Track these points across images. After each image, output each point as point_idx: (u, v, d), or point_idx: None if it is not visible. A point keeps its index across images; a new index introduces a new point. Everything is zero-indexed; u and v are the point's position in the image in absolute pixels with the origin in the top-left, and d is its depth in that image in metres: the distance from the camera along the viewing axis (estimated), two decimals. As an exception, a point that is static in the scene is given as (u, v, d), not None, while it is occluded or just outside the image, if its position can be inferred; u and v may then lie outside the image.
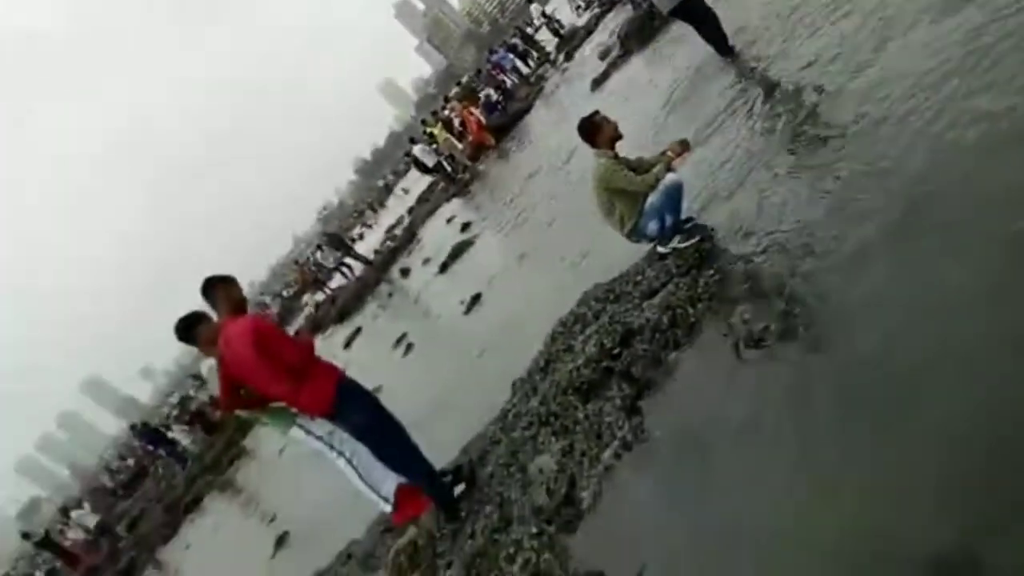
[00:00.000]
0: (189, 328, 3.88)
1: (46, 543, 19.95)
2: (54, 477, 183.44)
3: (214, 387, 4.48)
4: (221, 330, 3.61)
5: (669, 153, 4.54)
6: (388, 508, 4.14)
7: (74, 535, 20.37)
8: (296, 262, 35.28)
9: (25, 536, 22.57)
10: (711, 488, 2.69)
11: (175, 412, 26.05)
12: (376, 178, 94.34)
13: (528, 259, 7.55)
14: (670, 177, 4.43)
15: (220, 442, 16.34)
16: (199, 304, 3.98)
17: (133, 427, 23.05)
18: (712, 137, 5.61)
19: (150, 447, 19.49)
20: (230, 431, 15.80)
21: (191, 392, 34.72)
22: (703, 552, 2.47)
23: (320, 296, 22.23)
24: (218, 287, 3.64)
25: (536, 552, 3.03)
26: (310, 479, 7.59)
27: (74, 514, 19.43)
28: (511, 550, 3.12)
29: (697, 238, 4.38)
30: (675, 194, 4.43)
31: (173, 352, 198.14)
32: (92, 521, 19.13)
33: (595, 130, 4.59)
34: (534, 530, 3.12)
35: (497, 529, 3.35)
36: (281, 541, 6.84)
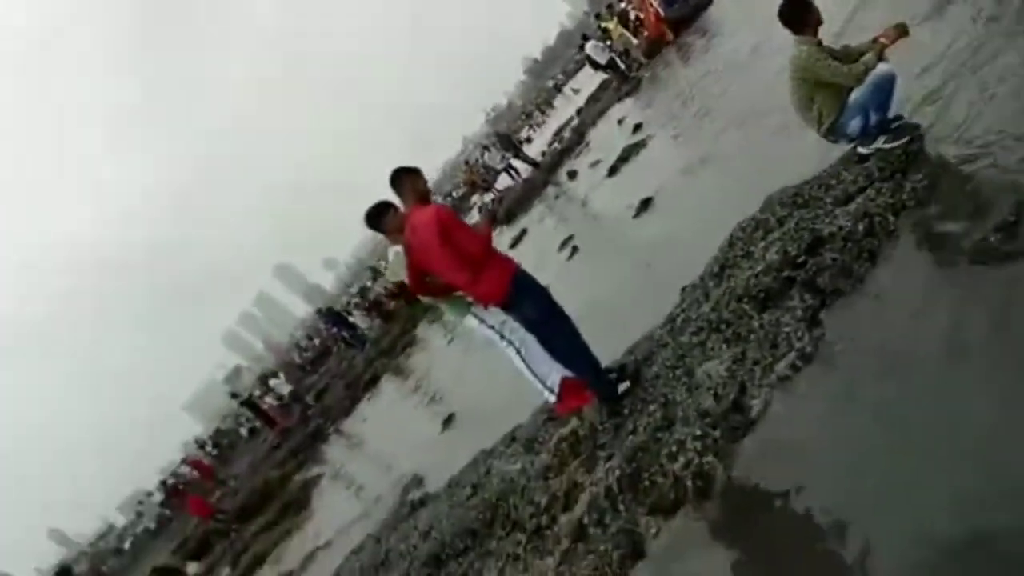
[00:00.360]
0: (378, 216, 4.19)
1: (249, 404, 23.19)
2: (252, 350, 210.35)
3: (394, 276, 4.84)
4: (407, 219, 3.86)
5: (882, 40, 4.03)
6: (552, 398, 4.34)
7: (270, 400, 23.49)
8: (466, 162, 36.24)
9: (233, 396, 26.33)
10: (894, 408, 2.54)
11: (355, 300, 28.53)
12: (545, 78, 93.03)
13: (705, 163, 7.21)
14: (881, 68, 3.96)
15: (395, 330, 17.81)
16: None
17: (319, 311, 25.57)
18: (929, 22, 4.91)
19: (333, 329, 21.63)
20: (404, 320, 17.18)
21: (368, 283, 37.75)
22: (873, 474, 2.37)
23: (488, 197, 22.84)
24: (405, 178, 3.87)
25: (699, 453, 3.06)
26: (477, 367, 8.13)
27: (272, 382, 22.21)
28: (673, 448, 3.17)
29: (905, 139, 3.94)
30: (886, 87, 3.97)
31: (352, 245, 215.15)
32: (286, 390, 21.87)
33: (803, 10, 4.13)
34: (698, 432, 3.13)
35: (660, 428, 3.41)
36: (448, 421, 7.44)
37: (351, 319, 21.78)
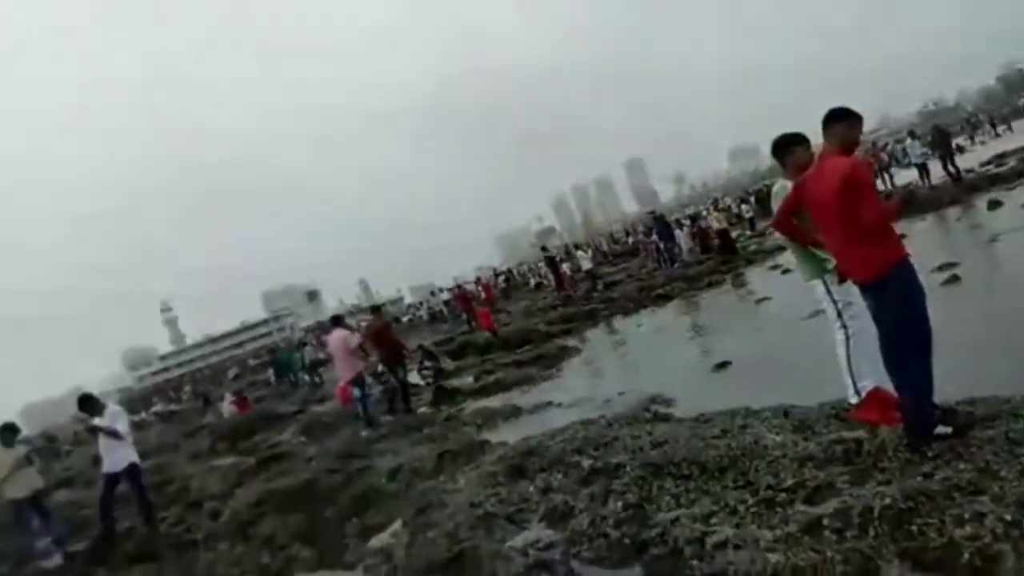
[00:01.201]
0: (788, 145, 4.09)
1: (551, 261, 25.11)
2: (571, 219, 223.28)
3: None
4: (820, 159, 3.71)
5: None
6: (854, 400, 4.07)
7: (567, 267, 25.12)
8: (872, 144, 32.82)
9: (543, 249, 28.67)
10: None
11: (685, 221, 28.52)
12: (1020, 95, 77.72)
13: None
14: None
15: (717, 259, 17.68)
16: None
17: (652, 212, 26.09)
18: None
19: (654, 236, 21.97)
20: (729, 255, 17.02)
21: (704, 211, 37.20)
22: None
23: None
24: (838, 124, 3.67)
25: (995, 536, 2.70)
26: (779, 329, 7.84)
27: (578, 253, 23.61)
28: (966, 515, 2.83)
29: None
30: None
31: (705, 171, 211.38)
32: (586, 265, 23.10)
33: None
34: (1009, 517, 2.75)
35: (961, 489, 3.04)
36: (723, 366, 7.37)
37: (676, 232, 21.91)
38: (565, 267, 25.63)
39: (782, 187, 4.21)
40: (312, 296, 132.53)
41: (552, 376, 10.40)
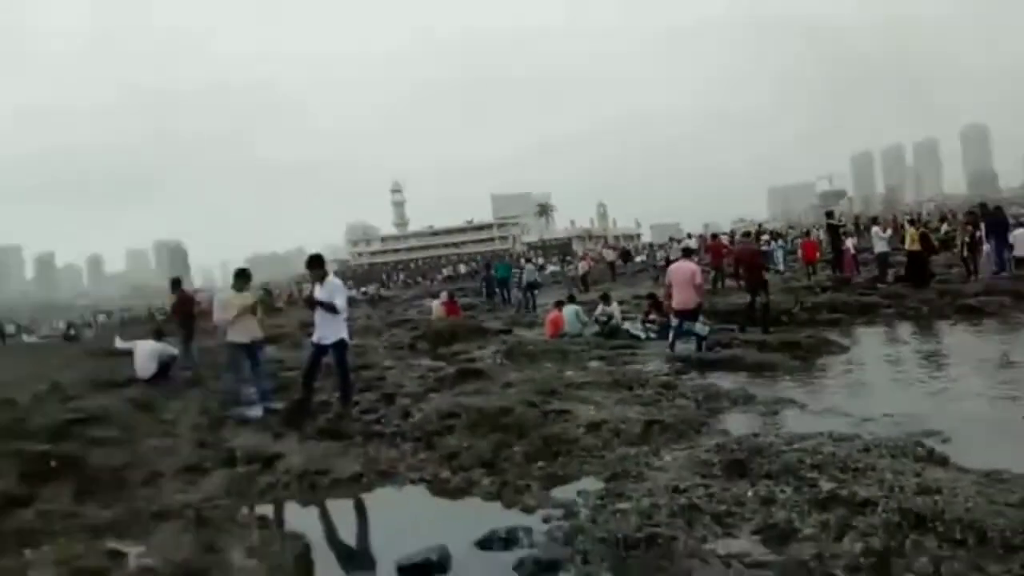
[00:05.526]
0: None
1: (833, 230, 23.69)
2: (870, 190, 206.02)
3: None
4: None
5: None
6: None
7: (851, 244, 23.44)
8: None
9: (828, 215, 27.06)
10: None
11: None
12: None
13: None
14: None
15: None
16: None
17: (983, 205, 23.37)
18: None
19: (978, 232, 19.48)
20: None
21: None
22: None
23: None
24: None
25: None
26: None
27: (873, 229, 21.83)
28: None
29: None
30: None
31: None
32: (880, 247, 21.07)
33: None
34: None
35: None
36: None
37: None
38: (850, 243, 23.80)
39: None
40: (544, 210, 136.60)
41: (802, 370, 9.86)
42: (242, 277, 9.30)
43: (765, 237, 31.51)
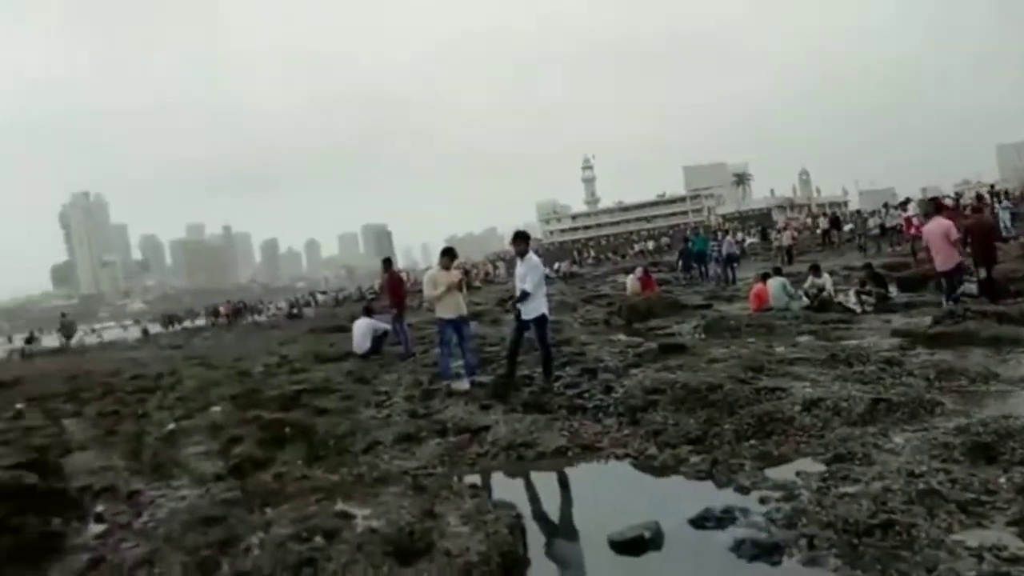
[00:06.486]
0: None
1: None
2: None
3: None
4: None
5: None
6: None
7: None
8: None
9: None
10: None
11: None
12: None
13: None
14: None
15: None
16: None
17: None
18: None
19: None
20: None
21: None
22: None
23: None
24: None
25: None
26: None
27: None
28: None
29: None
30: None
31: None
32: None
33: None
34: None
35: None
36: None
37: None
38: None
39: None
40: (741, 180, 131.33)
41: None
42: (448, 255, 9.66)
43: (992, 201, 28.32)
